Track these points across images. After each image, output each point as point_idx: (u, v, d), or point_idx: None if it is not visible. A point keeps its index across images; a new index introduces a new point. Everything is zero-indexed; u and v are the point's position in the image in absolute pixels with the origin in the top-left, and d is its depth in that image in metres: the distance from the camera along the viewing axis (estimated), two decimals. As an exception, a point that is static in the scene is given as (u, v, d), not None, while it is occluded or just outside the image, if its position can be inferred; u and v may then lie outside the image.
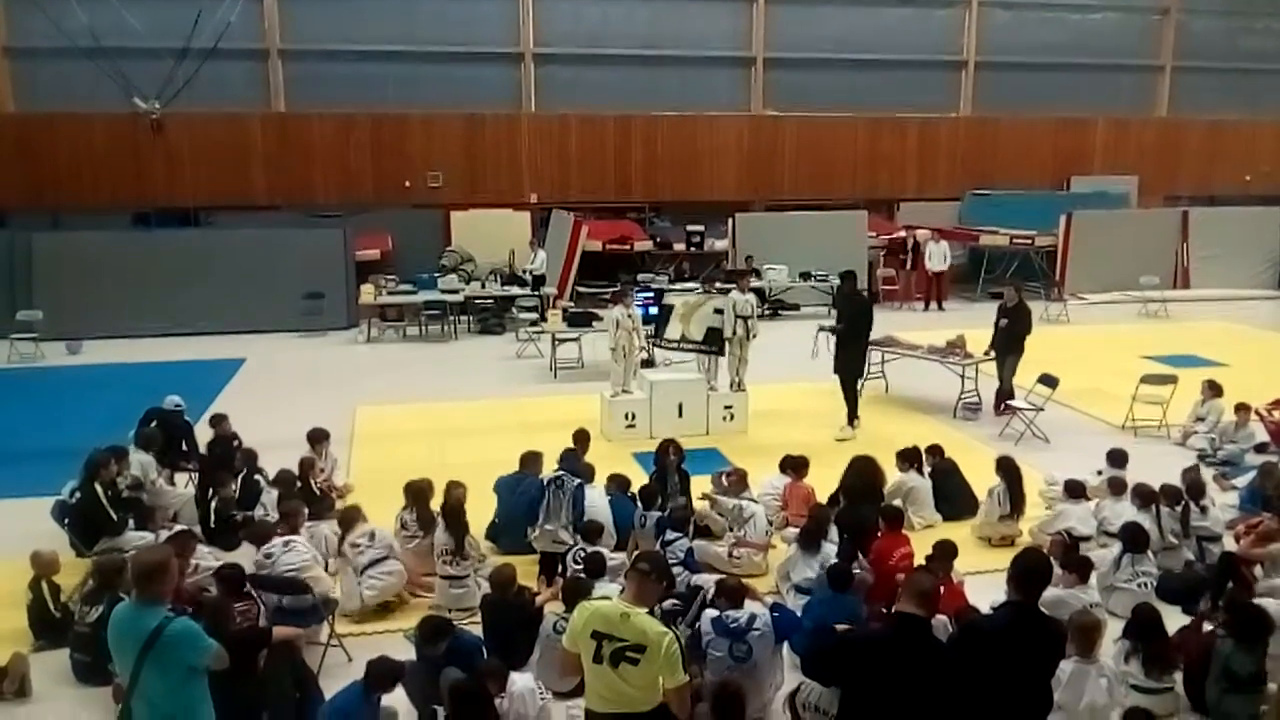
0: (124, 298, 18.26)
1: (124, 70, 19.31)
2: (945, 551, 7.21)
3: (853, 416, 12.01)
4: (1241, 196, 25.41)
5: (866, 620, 6.39)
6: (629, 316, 12.29)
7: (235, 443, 9.89)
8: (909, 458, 9.24)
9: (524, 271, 19.83)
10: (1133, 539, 7.49)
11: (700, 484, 9.07)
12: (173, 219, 21.05)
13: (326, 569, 7.71)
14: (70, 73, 19.84)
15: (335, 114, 21.53)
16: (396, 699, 5.95)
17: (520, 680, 5.83)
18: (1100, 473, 9.15)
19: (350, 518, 7.80)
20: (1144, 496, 8.17)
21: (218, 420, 10.31)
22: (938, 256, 21.41)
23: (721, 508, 8.43)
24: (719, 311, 12.24)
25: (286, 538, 7.34)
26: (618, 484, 8.77)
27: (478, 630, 6.67)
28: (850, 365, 12.10)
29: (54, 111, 20.17)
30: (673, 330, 12.60)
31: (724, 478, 8.93)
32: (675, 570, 6.94)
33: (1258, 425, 11.24)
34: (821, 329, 12.48)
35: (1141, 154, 25.66)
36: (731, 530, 8.27)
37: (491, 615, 6.73)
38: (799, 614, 6.63)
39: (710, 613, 6.15)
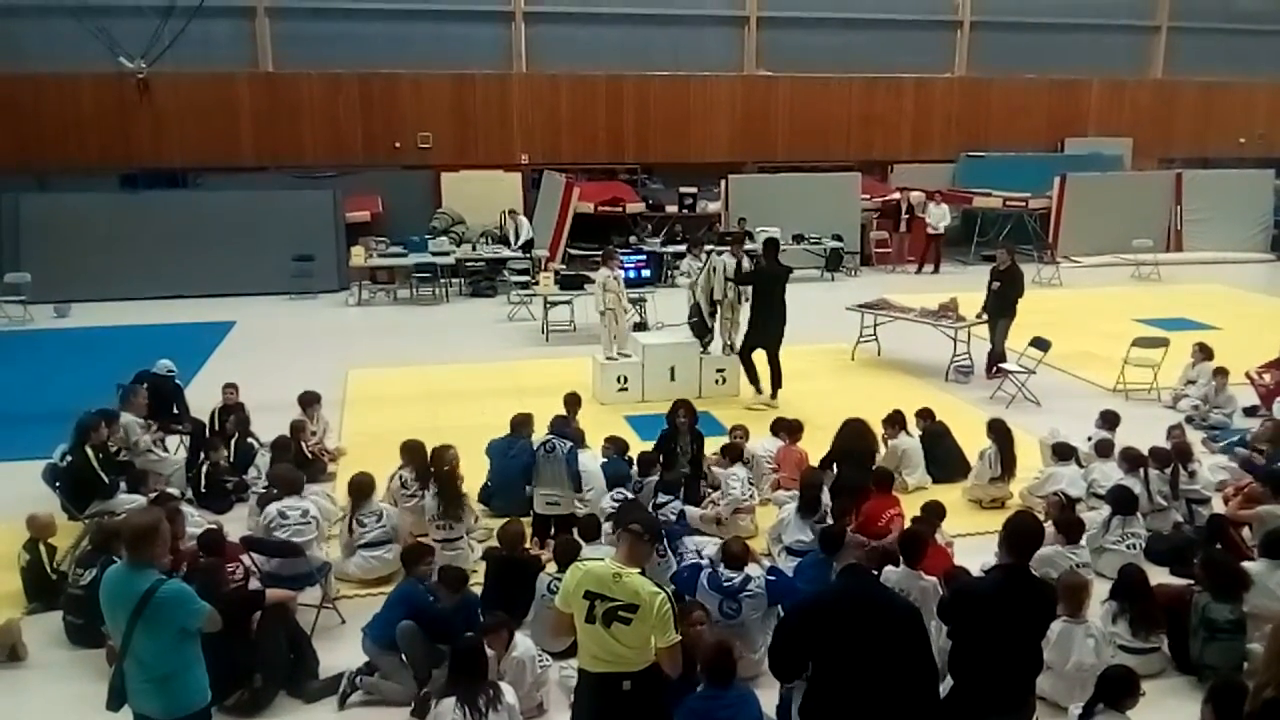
0: (112, 260, 18.13)
1: (109, 29, 18.99)
2: (933, 511, 7.26)
3: (758, 385, 11.63)
4: (1235, 159, 25.34)
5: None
6: (615, 278, 12.23)
7: (242, 413, 9.77)
8: (895, 421, 9.25)
9: (514, 242, 19.65)
10: (1122, 501, 7.54)
11: (714, 444, 9.06)
12: (160, 180, 20.87)
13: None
14: (55, 32, 19.52)
15: (324, 73, 21.28)
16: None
17: (523, 644, 5.87)
18: (1091, 438, 9.17)
19: (364, 488, 7.65)
20: (1131, 460, 8.21)
21: (229, 389, 10.16)
22: (937, 218, 21.30)
23: (713, 478, 8.51)
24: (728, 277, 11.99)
25: (303, 507, 7.32)
26: (615, 446, 8.75)
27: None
28: (753, 335, 11.64)
29: (39, 72, 19.90)
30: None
31: (733, 434, 8.92)
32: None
33: (1246, 388, 11.29)
34: (728, 278, 12.02)
35: (1136, 116, 25.54)
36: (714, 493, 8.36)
37: (497, 570, 6.78)
38: (791, 575, 6.67)
39: (706, 569, 6.19)
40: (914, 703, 4.27)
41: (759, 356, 11.67)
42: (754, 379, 11.69)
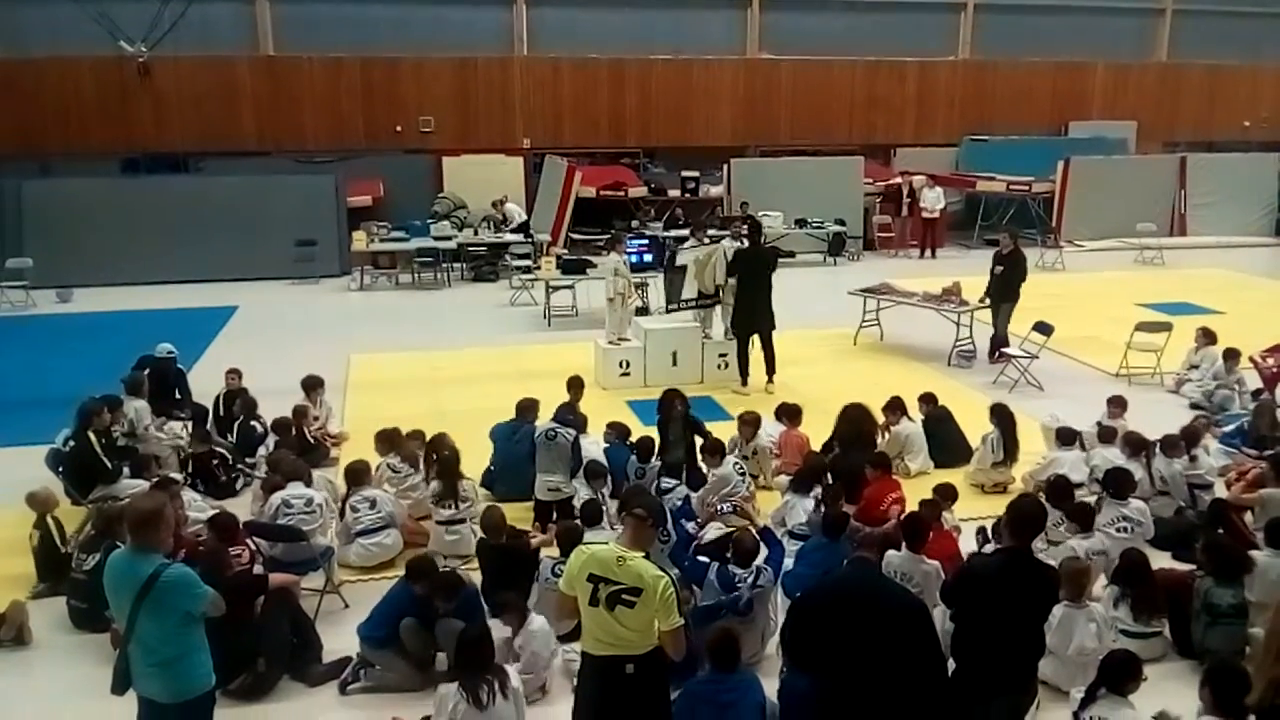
0: (115, 245, 18.12)
1: (109, 13, 18.96)
2: (943, 493, 7.27)
3: (744, 375, 11.51)
4: (1240, 143, 25.27)
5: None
6: (624, 263, 12.21)
7: (247, 397, 9.73)
8: (895, 407, 9.23)
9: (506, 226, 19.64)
10: (1114, 484, 7.49)
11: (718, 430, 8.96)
12: (162, 165, 20.86)
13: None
14: (55, 16, 19.50)
15: (325, 57, 21.22)
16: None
17: (538, 620, 5.90)
18: (1099, 423, 9.16)
19: (358, 475, 7.66)
20: (1134, 445, 8.20)
21: (232, 374, 10.13)
22: (931, 201, 21.27)
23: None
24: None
25: (307, 495, 7.31)
26: (617, 432, 8.77)
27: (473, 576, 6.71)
28: (739, 320, 11.57)
29: (40, 56, 19.84)
30: (689, 290, 12.21)
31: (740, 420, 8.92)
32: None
33: (1250, 372, 11.27)
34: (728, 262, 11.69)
35: (1140, 99, 25.47)
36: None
37: (489, 559, 6.77)
38: (792, 560, 6.68)
39: (715, 565, 6.17)
40: (920, 696, 4.27)
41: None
42: (744, 370, 11.56)
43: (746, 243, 11.75)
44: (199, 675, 4.50)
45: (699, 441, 8.47)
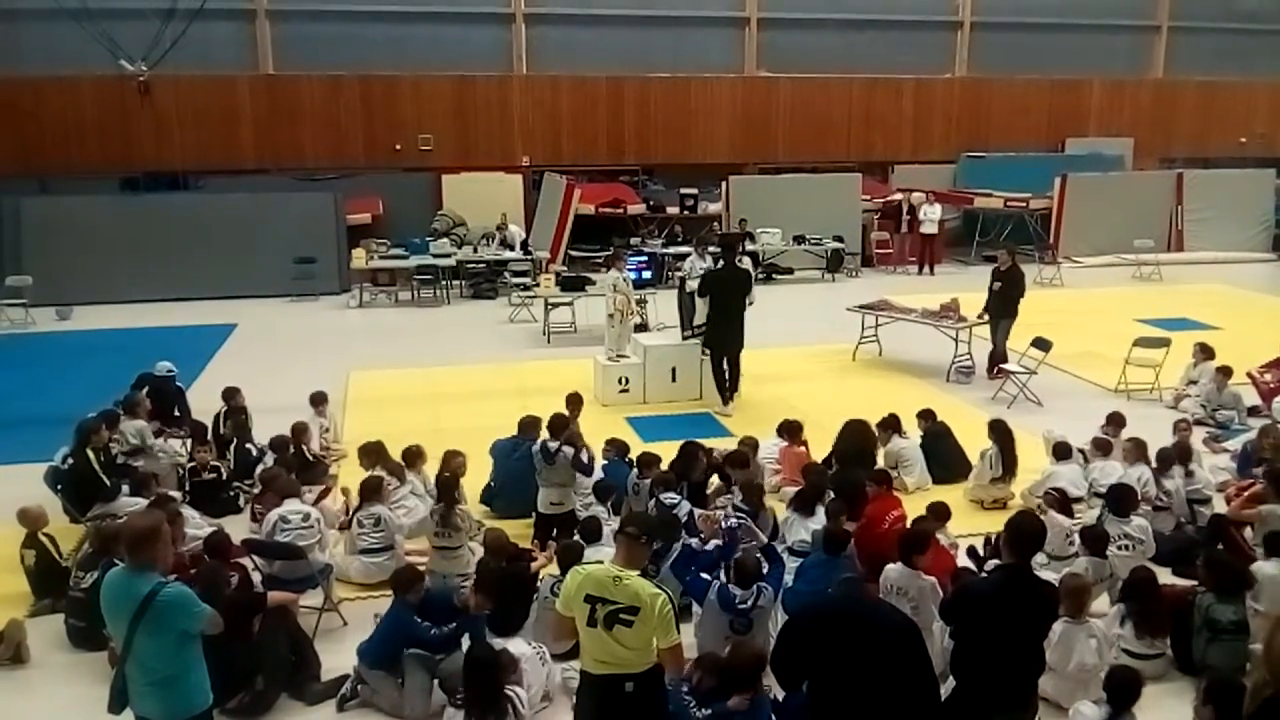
0: (114, 263, 18.16)
1: (110, 32, 19.01)
2: (936, 512, 7.26)
3: (724, 395, 11.34)
4: (1236, 158, 25.34)
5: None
6: (624, 280, 12.23)
7: (243, 416, 9.75)
8: (888, 425, 9.24)
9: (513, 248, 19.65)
10: (1116, 501, 7.48)
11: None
12: (162, 183, 20.90)
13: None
14: (56, 35, 19.55)
15: (324, 76, 21.30)
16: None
17: (514, 645, 5.86)
18: (1096, 437, 9.15)
19: (366, 491, 7.61)
20: (1142, 447, 8.23)
21: (230, 393, 10.11)
22: (930, 219, 21.32)
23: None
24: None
25: (304, 511, 7.30)
26: (616, 448, 8.76)
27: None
28: (712, 340, 11.44)
29: (41, 75, 19.92)
30: (700, 316, 12.24)
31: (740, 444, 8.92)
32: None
33: (1249, 388, 11.27)
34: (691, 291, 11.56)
35: (1136, 116, 25.54)
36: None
37: (490, 586, 6.72)
38: (792, 576, 6.66)
39: (716, 584, 6.15)
40: (914, 715, 4.25)
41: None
42: (720, 389, 11.40)
43: (720, 263, 11.65)
44: (196, 694, 4.47)
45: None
